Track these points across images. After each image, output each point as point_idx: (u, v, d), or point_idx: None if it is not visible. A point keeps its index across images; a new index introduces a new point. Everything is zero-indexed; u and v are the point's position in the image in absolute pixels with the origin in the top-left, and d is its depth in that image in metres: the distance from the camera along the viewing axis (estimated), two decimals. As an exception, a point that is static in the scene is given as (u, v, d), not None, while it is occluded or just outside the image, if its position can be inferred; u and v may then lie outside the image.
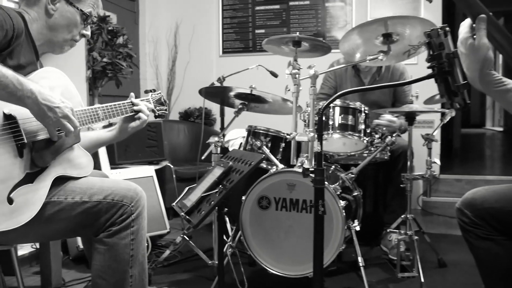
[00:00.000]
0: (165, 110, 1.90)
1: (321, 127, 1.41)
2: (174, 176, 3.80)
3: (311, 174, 1.46)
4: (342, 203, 2.16)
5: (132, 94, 1.77)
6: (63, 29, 1.56)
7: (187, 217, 1.58)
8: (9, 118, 1.35)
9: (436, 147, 4.19)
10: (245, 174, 1.54)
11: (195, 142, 4.58)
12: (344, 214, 2.15)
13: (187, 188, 1.80)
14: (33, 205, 1.37)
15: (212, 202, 1.55)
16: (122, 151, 3.35)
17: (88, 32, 1.64)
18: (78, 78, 3.14)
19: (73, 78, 3.13)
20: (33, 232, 1.45)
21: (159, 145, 3.50)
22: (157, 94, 1.90)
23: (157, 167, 3.43)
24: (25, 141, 1.37)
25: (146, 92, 1.88)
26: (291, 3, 4.90)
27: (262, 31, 5.00)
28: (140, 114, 1.74)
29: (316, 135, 2.30)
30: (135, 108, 1.73)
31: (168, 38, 5.09)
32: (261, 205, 2.22)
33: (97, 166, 3.17)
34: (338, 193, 2.30)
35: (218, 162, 1.74)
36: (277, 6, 4.95)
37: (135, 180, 3.12)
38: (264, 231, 2.22)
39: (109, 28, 3.45)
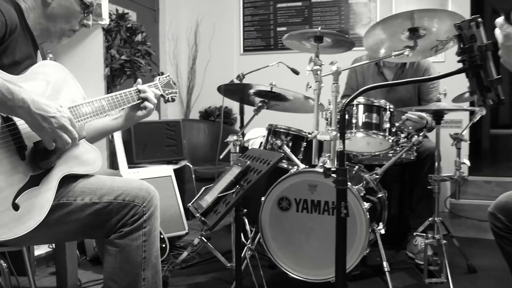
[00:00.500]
0: (175, 93, 1.82)
1: (343, 125, 1.32)
2: (193, 176, 3.75)
3: (333, 174, 1.37)
4: (366, 205, 2.06)
5: (139, 80, 1.69)
6: (61, 19, 1.49)
7: (202, 218, 1.51)
8: (7, 120, 1.28)
9: (465, 147, 4.02)
10: (263, 173, 1.46)
11: (215, 142, 4.52)
12: (368, 216, 2.05)
13: (203, 188, 1.74)
14: (41, 209, 1.31)
15: (229, 203, 1.48)
16: (140, 150, 3.31)
17: (90, 22, 1.57)
18: (96, 75, 3.11)
19: (90, 76, 3.15)
20: (42, 235, 1.39)
21: (178, 144, 3.45)
22: (165, 77, 1.81)
23: (176, 166, 3.38)
24: (25, 143, 1.30)
25: (154, 76, 1.80)
26: (313, 0, 4.80)
27: (284, 28, 4.91)
28: (146, 103, 1.65)
29: (338, 134, 2.21)
30: (141, 95, 1.65)
31: (188, 36, 5.04)
32: (281, 207, 2.13)
33: (115, 165, 3.15)
34: (362, 194, 2.21)
35: (236, 161, 1.66)
36: (299, 3, 4.85)
37: (153, 180, 3.09)
38: (284, 233, 2.14)
39: (128, 25, 3.41)
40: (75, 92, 1.50)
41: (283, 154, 1.51)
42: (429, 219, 2.52)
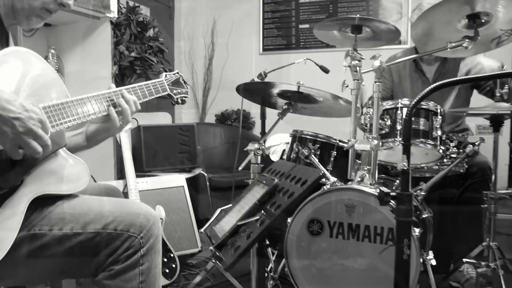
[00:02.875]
0: (186, 93, 1.48)
1: (409, 134, 0.96)
2: (208, 184, 3.42)
3: (392, 202, 1.02)
4: (417, 231, 1.69)
5: (112, 85, 1.31)
6: None
7: (217, 253, 1.17)
8: None
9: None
10: (296, 198, 1.12)
11: (232, 148, 4.20)
12: (418, 243, 1.68)
13: (219, 209, 1.41)
14: (2, 242, 0.98)
15: (251, 235, 1.14)
16: (151, 157, 3.00)
17: (69, 1, 1.24)
18: (103, 74, 2.81)
19: (97, 75, 2.85)
20: (7, 275, 1.06)
21: (192, 150, 3.12)
22: (174, 74, 1.47)
23: (189, 175, 3.06)
24: None
25: (160, 72, 1.46)
26: (340, -7, 4.44)
27: (306, 25, 4.56)
28: (110, 112, 1.25)
29: (380, 143, 1.85)
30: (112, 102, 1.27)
31: (205, 34, 4.73)
32: (312, 230, 1.77)
33: (123, 174, 2.83)
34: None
35: (259, 178, 1.32)
36: (323, -2, 4.50)
37: (164, 191, 2.78)
38: (315, 262, 1.77)
39: (139, 20, 3.11)
40: (54, 87, 1.16)
41: (322, 172, 1.16)
42: (483, 244, 2.15)
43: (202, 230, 1.34)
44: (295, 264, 1.79)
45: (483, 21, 1.79)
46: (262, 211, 1.17)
